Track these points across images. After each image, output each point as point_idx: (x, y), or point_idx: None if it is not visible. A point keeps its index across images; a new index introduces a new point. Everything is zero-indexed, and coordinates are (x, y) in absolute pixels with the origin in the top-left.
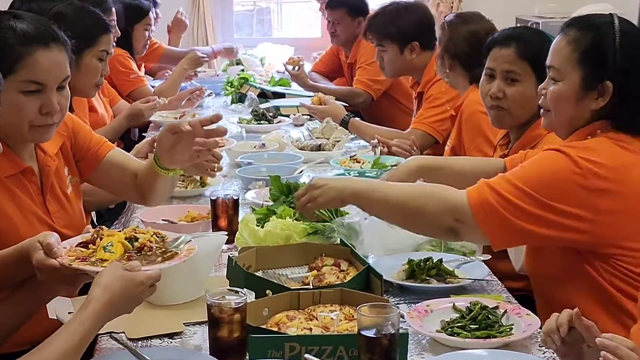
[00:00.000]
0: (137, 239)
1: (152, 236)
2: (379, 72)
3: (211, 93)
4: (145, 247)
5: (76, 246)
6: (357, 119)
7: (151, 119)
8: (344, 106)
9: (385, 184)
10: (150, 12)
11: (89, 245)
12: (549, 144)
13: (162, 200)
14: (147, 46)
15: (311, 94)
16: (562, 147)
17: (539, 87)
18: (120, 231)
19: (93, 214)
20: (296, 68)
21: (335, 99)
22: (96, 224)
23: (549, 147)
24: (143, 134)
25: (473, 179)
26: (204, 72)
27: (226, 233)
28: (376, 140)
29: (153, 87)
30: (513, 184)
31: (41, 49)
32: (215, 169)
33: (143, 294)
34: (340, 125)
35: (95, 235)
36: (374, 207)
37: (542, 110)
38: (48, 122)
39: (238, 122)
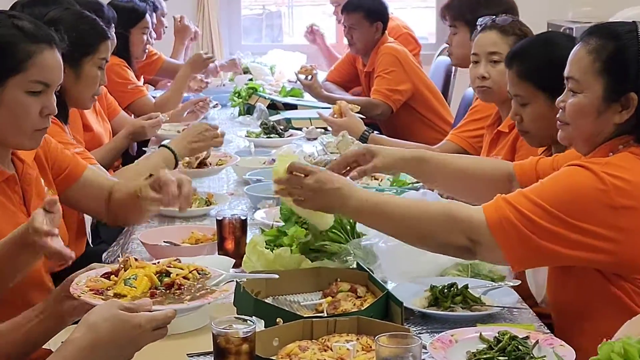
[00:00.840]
0: (169, 274)
1: (191, 272)
2: (399, 81)
3: (217, 104)
4: (175, 285)
5: (101, 276)
6: (378, 134)
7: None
8: (362, 118)
9: (393, 201)
10: (148, 15)
11: (111, 276)
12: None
13: (138, 223)
14: (147, 51)
15: (326, 105)
16: (585, 163)
17: (557, 99)
18: (155, 263)
19: (89, 233)
20: (309, 77)
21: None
22: (91, 245)
23: (572, 163)
24: (143, 149)
25: (476, 181)
26: (209, 81)
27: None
28: None
29: (154, 97)
30: (533, 200)
31: (47, 48)
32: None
33: (142, 338)
34: (358, 141)
35: (122, 266)
36: (382, 225)
37: (559, 123)
38: (46, 125)
39: (246, 136)
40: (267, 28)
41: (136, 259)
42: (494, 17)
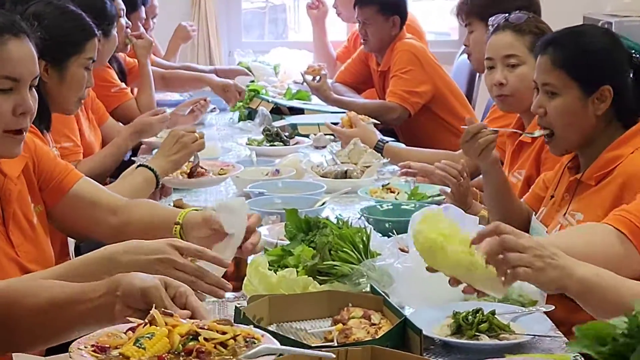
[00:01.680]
0: (197, 337)
1: (231, 339)
2: (418, 81)
3: (215, 108)
4: (195, 352)
5: (126, 330)
6: (394, 142)
7: (143, 139)
8: (375, 124)
9: (610, 275)
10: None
11: (129, 331)
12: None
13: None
14: (129, 44)
15: (336, 109)
16: None
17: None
18: (189, 322)
19: (72, 251)
20: (317, 78)
21: (364, 115)
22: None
23: None
24: (132, 158)
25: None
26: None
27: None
28: (407, 170)
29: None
30: None
31: (13, 39)
32: None
33: None
34: (373, 150)
35: (147, 320)
36: (603, 305)
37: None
38: (23, 126)
39: (247, 144)
40: (270, 23)
41: (170, 314)
42: (507, 15)
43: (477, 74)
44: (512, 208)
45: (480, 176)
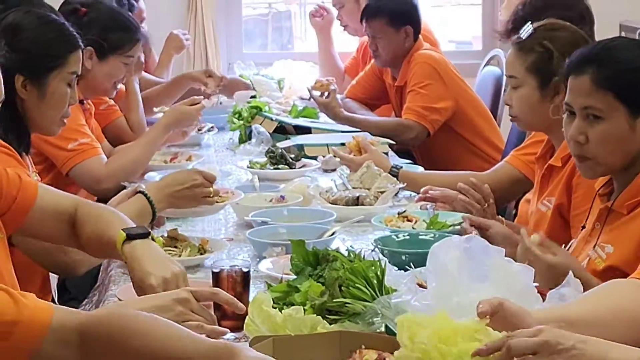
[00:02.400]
0: None
1: None
2: (437, 96)
3: (212, 127)
4: None
5: None
6: (410, 165)
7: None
8: (390, 145)
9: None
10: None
11: None
12: None
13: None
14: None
15: (346, 128)
16: None
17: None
18: None
19: (54, 287)
20: (325, 94)
21: (378, 135)
22: (56, 302)
23: None
24: (122, 183)
25: None
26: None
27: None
28: (425, 196)
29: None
30: None
31: None
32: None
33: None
34: (387, 174)
35: None
36: None
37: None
38: None
39: (248, 167)
40: (274, 32)
41: None
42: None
43: (503, 88)
44: None
45: None
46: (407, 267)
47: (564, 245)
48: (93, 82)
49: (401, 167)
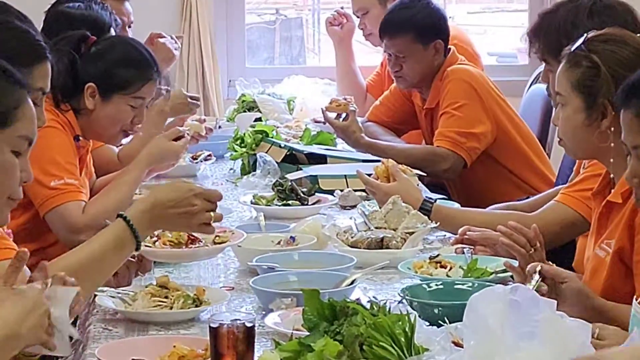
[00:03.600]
0: None
1: None
2: (475, 119)
3: (209, 155)
4: None
5: None
6: (444, 200)
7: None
8: (420, 177)
9: None
10: (112, 29)
11: None
12: None
13: None
14: None
15: (368, 157)
16: None
17: None
18: None
19: None
20: (343, 116)
21: (405, 165)
22: None
23: None
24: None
25: None
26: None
27: None
28: (462, 238)
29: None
30: None
31: (27, 94)
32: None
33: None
34: (418, 212)
35: None
36: None
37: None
38: (21, 196)
39: (252, 203)
40: (282, 43)
41: None
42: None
43: (554, 110)
44: None
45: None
46: (440, 322)
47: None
48: (97, 125)
49: (435, 201)
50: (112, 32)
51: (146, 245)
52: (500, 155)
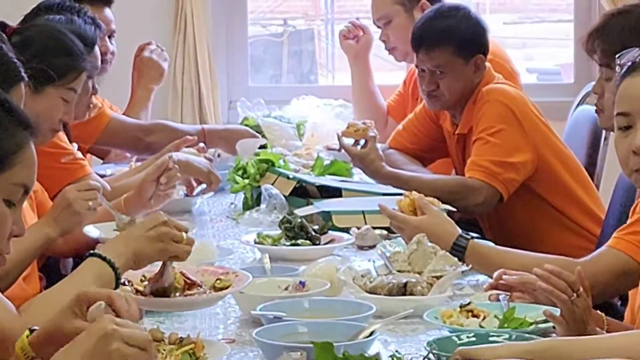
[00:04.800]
0: None
1: None
2: (513, 147)
3: (207, 188)
4: None
5: None
6: (481, 241)
7: (100, 236)
8: (448, 212)
9: None
10: (96, 45)
11: None
12: None
13: None
14: (92, 105)
15: (390, 189)
16: None
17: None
18: None
19: None
20: (362, 143)
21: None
22: None
23: None
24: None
25: None
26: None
27: None
28: (497, 283)
29: (102, 176)
30: None
31: (30, 141)
32: None
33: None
34: (447, 252)
35: None
36: None
37: None
38: (9, 251)
39: (256, 243)
40: (291, 58)
41: None
42: None
43: (603, 136)
44: None
45: None
46: None
47: None
48: None
49: (471, 238)
50: (97, 49)
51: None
52: (541, 188)
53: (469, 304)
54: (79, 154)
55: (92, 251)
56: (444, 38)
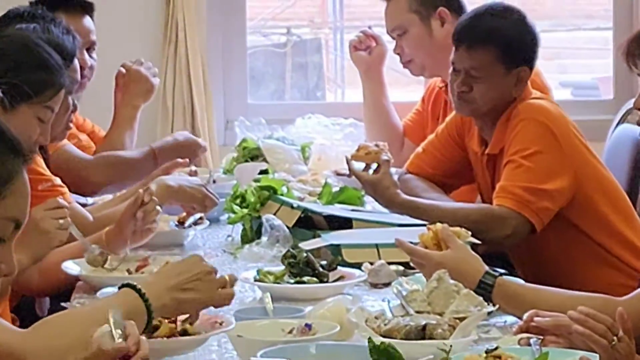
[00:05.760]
0: None
1: None
2: (550, 172)
3: (201, 219)
4: None
5: None
6: (510, 278)
7: (80, 273)
8: (473, 246)
9: None
10: (75, 58)
11: None
12: None
13: None
14: (71, 125)
15: (407, 220)
16: None
17: None
18: None
19: None
20: (374, 167)
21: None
22: None
23: None
24: (62, 304)
25: None
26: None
27: None
28: (528, 325)
29: (84, 205)
30: None
31: (24, 171)
32: None
33: None
34: (472, 290)
35: None
36: None
37: None
38: None
39: (256, 280)
40: (295, 72)
41: None
42: None
43: None
44: None
45: None
46: None
47: None
48: None
49: (499, 275)
50: (76, 61)
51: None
52: (578, 218)
53: (496, 348)
54: (58, 180)
55: (129, 282)
56: (490, 38)
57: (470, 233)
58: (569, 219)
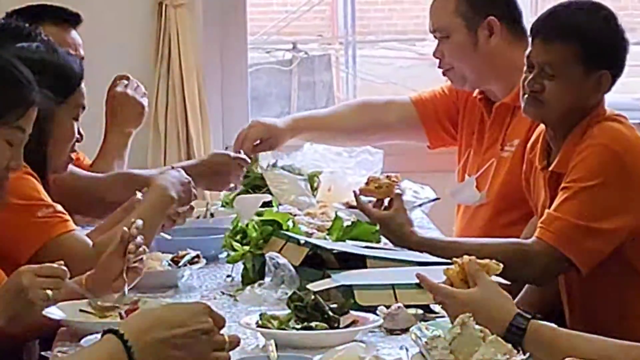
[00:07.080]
0: None
1: None
2: (610, 208)
3: (197, 257)
4: None
5: None
6: (545, 323)
7: (62, 317)
8: (503, 286)
9: None
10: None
11: None
12: None
13: None
14: (72, 159)
15: (426, 258)
16: None
17: None
18: None
19: None
20: (386, 202)
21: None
22: None
23: None
24: (42, 353)
25: None
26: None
27: None
28: None
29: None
30: None
31: None
32: None
33: None
34: (499, 336)
35: None
36: None
37: None
38: None
39: (259, 326)
40: (302, 91)
41: None
42: None
43: None
44: None
45: None
46: None
47: None
48: None
49: (531, 318)
50: (83, 85)
51: None
52: (634, 256)
53: None
54: (59, 207)
55: (112, 328)
56: (571, 34)
57: (501, 266)
58: (627, 259)
